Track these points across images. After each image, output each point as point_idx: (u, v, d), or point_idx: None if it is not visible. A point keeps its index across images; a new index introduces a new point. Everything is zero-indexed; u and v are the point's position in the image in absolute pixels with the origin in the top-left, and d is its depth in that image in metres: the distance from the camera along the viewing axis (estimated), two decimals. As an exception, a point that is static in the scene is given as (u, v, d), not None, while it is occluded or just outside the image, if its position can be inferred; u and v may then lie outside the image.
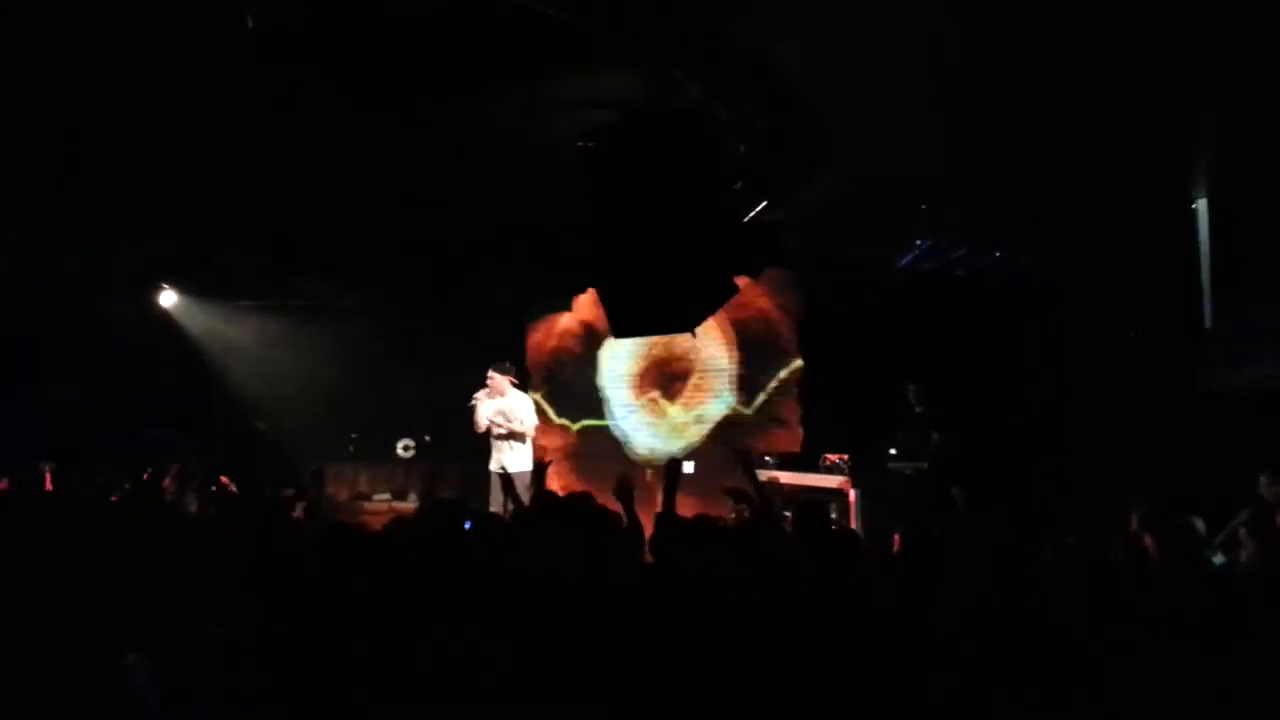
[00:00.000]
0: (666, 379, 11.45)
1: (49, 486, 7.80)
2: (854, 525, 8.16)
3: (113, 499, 6.92)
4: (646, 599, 3.64)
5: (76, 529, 4.89)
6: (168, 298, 11.77)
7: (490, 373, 8.82)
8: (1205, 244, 8.26)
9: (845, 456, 8.51)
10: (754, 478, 4.92)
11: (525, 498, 6.03)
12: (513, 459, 8.75)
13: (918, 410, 9.22)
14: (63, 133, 7.42)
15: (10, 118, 7.06)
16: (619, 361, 11.79)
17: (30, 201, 8.99)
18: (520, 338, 12.69)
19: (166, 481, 7.05)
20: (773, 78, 6.13)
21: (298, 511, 6.68)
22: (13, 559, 4.35)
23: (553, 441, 11.92)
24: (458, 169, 8.30)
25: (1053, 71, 5.98)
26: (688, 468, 4.74)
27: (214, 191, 8.87)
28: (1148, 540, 5.47)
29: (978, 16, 5.34)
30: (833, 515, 7.85)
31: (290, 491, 7.87)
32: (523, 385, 9.77)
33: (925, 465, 8.82)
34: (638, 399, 11.62)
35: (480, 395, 8.84)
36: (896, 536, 5.20)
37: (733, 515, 7.18)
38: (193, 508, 6.88)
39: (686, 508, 4.73)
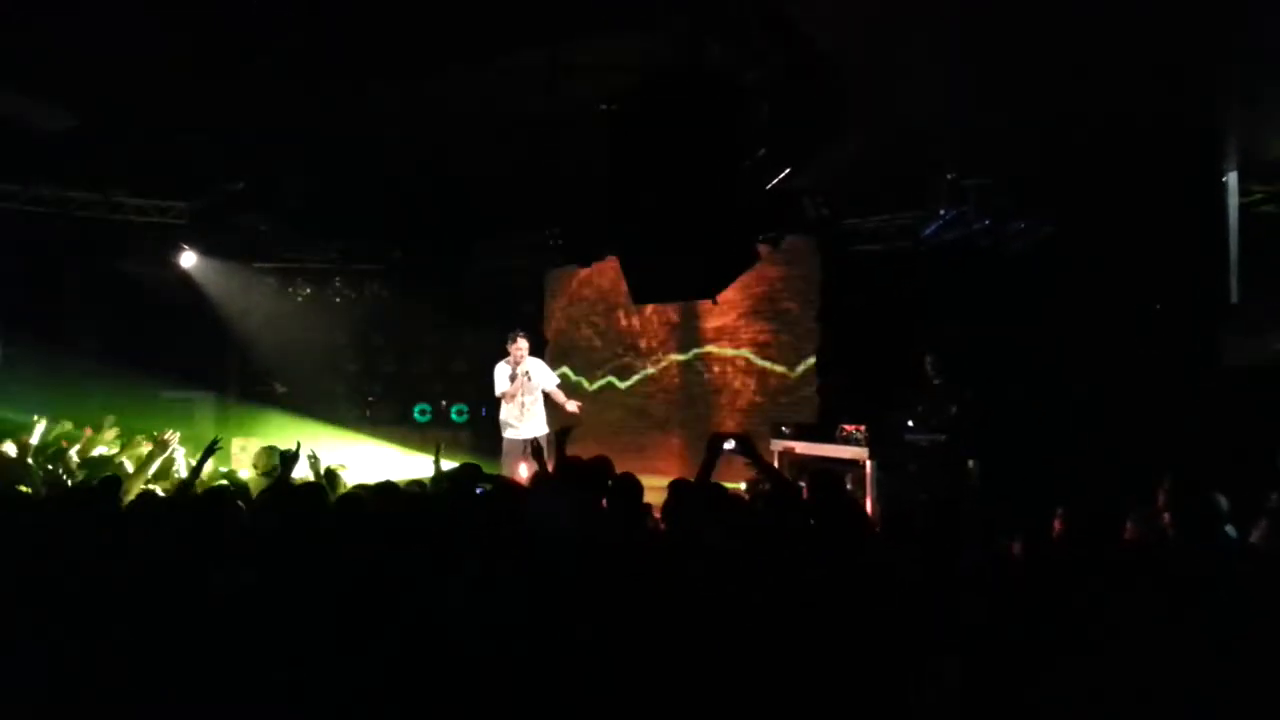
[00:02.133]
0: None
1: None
2: (869, 496, 8.13)
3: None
4: (652, 562, 3.64)
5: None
6: (187, 258, 11.78)
7: (513, 339, 8.83)
8: (1234, 217, 8.13)
9: (862, 427, 8.45)
10: (758, 458, 4.90)
11: (547, 463, 6.04)
12: (532, 425, 8.80)
13: (936, 382, 9.16)
14: (85, 93, 7.43)
15: (32, 78, 7.07)
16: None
17: (52, 161, 9.03)
18: (539, 302, 12.68)
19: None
20: (798, 38, 6.05)
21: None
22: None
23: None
24: (478, 132, 8.26)
25: (1083, 35, 5.88)
26: (728, 445, 4.70)
27: (233, 152, 8.87)
28: (1166, 516, 5.45)
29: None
30: (848, 486, 7.83)
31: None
32: (539, 349, 9.79)
33: (943, 437, 8.76)
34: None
35: (502, 363, 8.87)
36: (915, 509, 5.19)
37: (747, 487, 7.20)
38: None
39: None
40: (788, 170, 7.90)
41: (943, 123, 7.33)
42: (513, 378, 8.76)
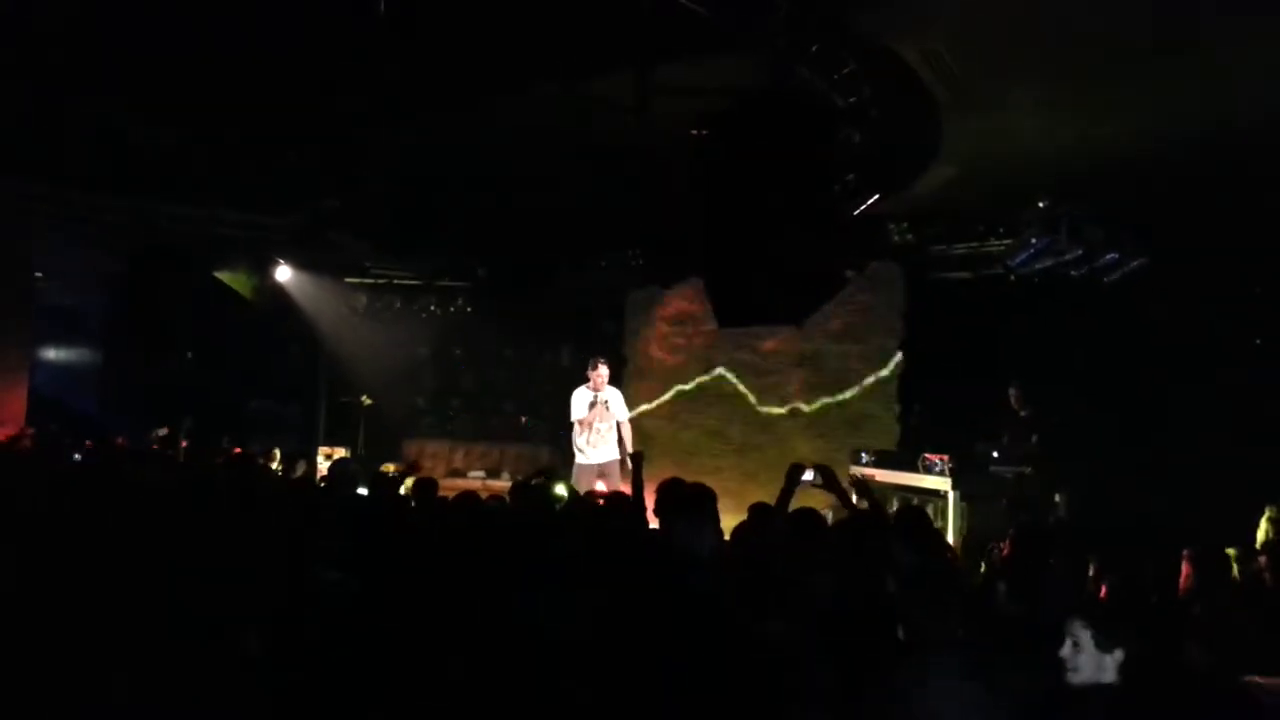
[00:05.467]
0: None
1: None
2: (951, 527, 7.99)
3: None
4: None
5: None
6: (283, 273, 12.15)
7: (594, 366, 8.88)
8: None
9: (945, 456, 8.31)
10: (840, 489, 4.85)
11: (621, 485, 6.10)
12: (603, 451, 8.83)
13: (1022, 413, 8.98)
14: (189, 108, 7.72)
15: (138, 91, 7.38)
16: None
17: (157, 177, 9.41)
18: (619, 321, 12.74)
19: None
20: (891, 66, 6.03)
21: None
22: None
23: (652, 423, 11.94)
24: (565, 154, 8.37)
25: (1181, 65, 5.76)
26: (808, 475, 4.69)
27: (329, 171, 9.14)
28: (1263, 560, 5.26)
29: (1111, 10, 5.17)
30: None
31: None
32: (618, 369, 9.83)
33: (1028, 469, 8.57)
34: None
35: (582, 389, 8.93)
36: (1005, 542, 5.08)
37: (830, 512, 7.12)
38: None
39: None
40: (877, 196, 7.89)
41: (1037, 150, 7.21)
42: (592, 405, 8.79)
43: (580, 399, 8.87)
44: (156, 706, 3.28)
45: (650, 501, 4.54)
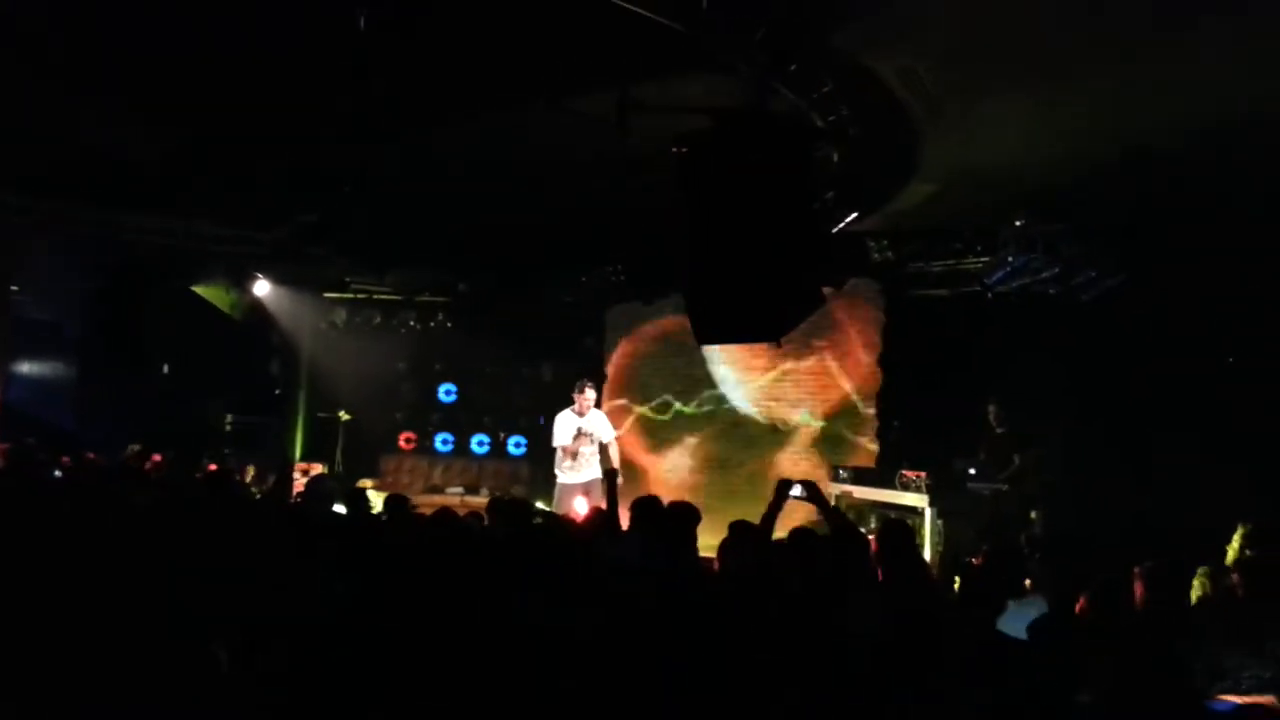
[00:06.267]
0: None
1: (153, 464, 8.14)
2: (928, 544, 8.04)
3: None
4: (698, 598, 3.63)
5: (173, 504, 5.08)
6: (261, 287, 12.10)
7: (585, 390, 8.86)
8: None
9: (923, 474, 8.37)
10: (826, 505, 4.87)
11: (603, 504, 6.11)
12: (586, 472, 8.80)
13: (999, 431, 9.04)
14: (167, 123, 7.70)
15: (115, 106, 7.35)
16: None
17: (135, 190, 9.36)
18: (599, 336, 12.76)
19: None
20: (869, 85, 6.08)
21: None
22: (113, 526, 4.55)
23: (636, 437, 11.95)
24: (546, 170, 8.39)
25: (1161, 84, 5.84)
26: (795, 490, 4.71)
27: (308, 186, 9.11)
28: (1235, 576, 5.30)
29: (1085, 26, 5.25)
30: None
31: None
32: (598, 384, 9.83)
33: (1005, 487, 8.64)
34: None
35: (567, 413, 8.89)
36: (977, 558, 5.11)
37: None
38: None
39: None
40: (855, 214, 7.95)
41: (1013, 169, 7.29)
42: (577, 435, 8.75)
43: (565, 425, 8.81)
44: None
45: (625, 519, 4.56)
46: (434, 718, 3.15)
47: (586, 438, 8.77)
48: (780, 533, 4.48)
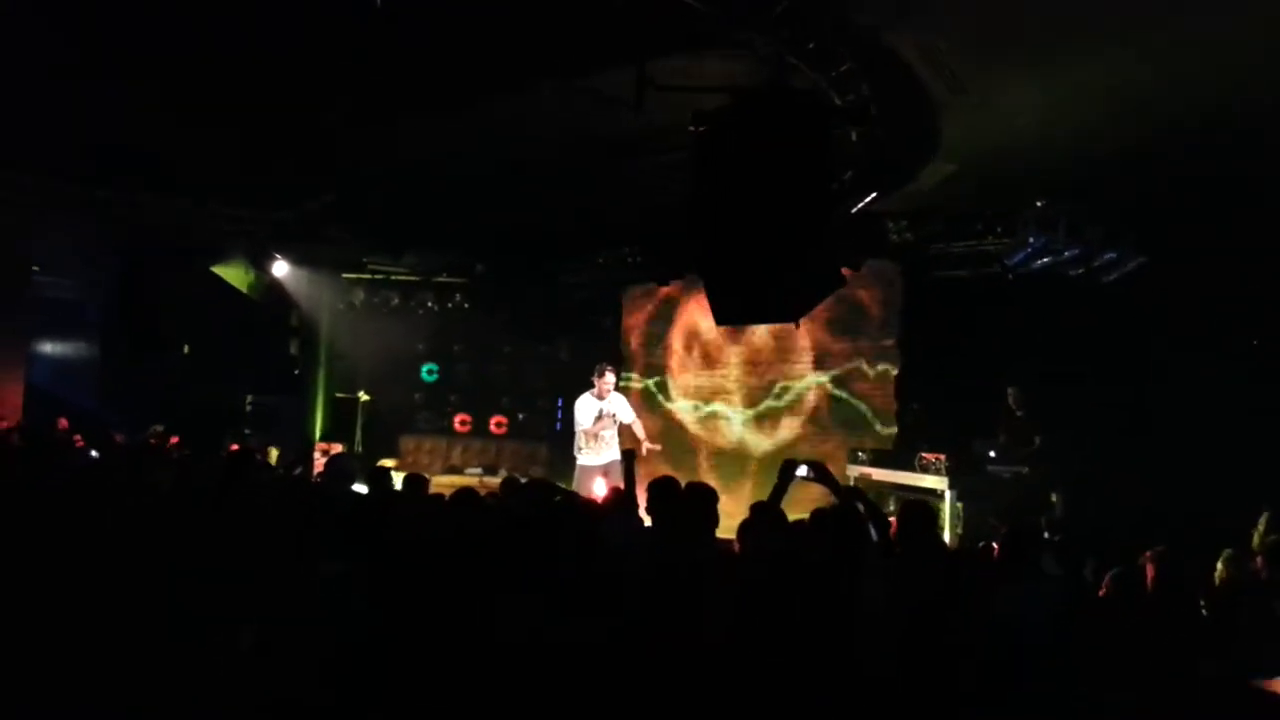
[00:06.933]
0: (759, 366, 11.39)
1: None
2: (948, 527, 8.00)
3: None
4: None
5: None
6: (280, 267, 12.13)
7: (606, 374, 8.88)
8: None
9: (942, 456, 8.32)
10: (836, 485, 4.83)
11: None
12: (606, 454, 8.83)
13: (1019, 414, 8.98)
14: (187, 101, 7.70)
15: (137, 85, 7.36)
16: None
17: (154, 171, 9.38)
18: (616, 317, 12.74)
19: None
20: (889, 62, 6.01)
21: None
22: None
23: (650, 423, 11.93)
24: (560, 148, 8.35)
25: (1186, 62, 5.74)
26: (801, 471, 4.68)
27: (322, 164, 9.11)
28: (1259, 560, 5.26)
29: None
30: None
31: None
32: (615, 365, 9.83)
33: (1026, 469, 8.58)
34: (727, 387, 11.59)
35: (587, 396, 8.93)
36: (996, 543, 5.09)
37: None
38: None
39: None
40: (874, 194, 7.87)
41: (1035, 148, 7.19)
42: (598, 417, 8.80)
43: (586, 408, 8.88)
44: (155, 704, 3.27)
45: (642, 499, 4.54)
46: (434, 709, 3.16)
47: (608, 419, 8.82)
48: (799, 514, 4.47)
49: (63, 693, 3.29)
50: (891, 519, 4.62)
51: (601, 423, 8.80)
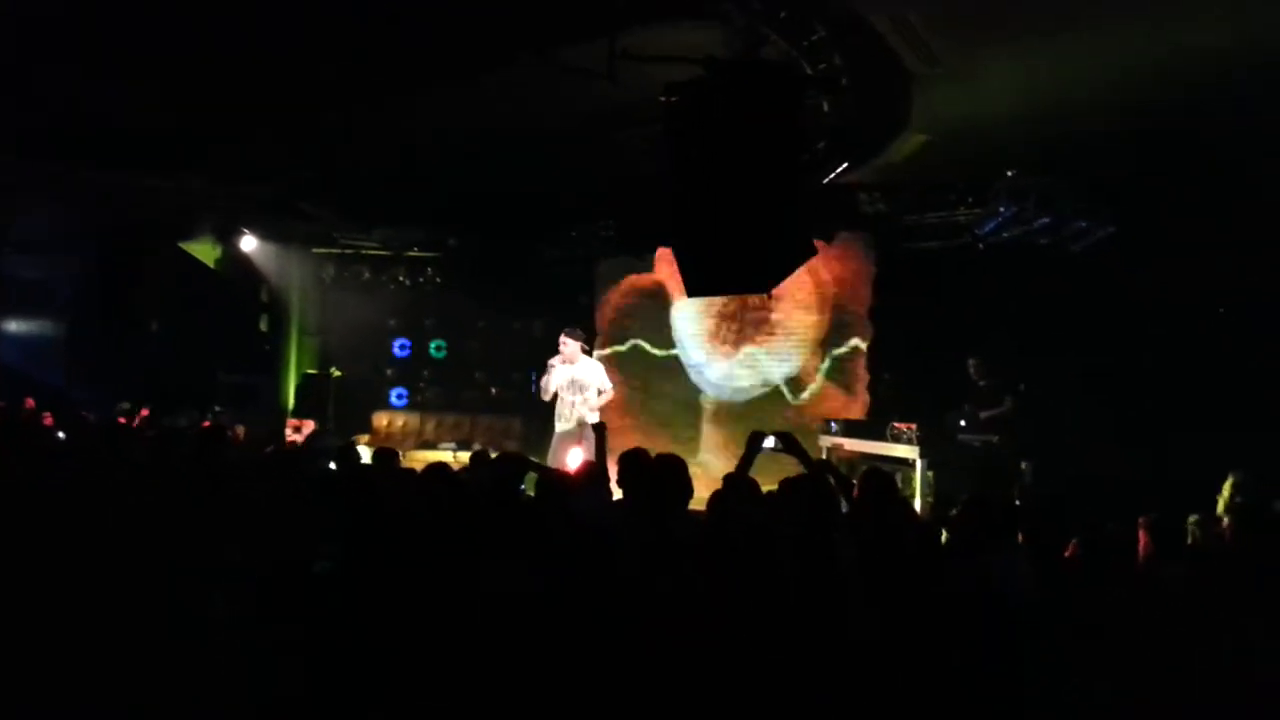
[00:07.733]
0: (735, 334, 11.40)
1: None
2: (918, 495, 8.09)
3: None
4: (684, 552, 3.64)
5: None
6: (248, 242, 12.00)
7: (563, 339, 8.76)
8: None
9: (913, 425, 8.39)
10: (805, 455, 4.85)
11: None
12: (579, 419, 8.77)
13: (981, 384, 9.08)
14: (151, 79, 7.58)
15: (100, 64, 7.25)
16: (688, 321, 11.76)
17: (124, 147, 9.25)
18: (591, 291, 12.71)
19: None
20: (861, 33, 6.01)
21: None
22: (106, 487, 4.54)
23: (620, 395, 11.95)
24: (533, 122, 8.30)
25: (1155, 32, 5.78)
26: (768, 443, 4.72)
27: (294, 139, 9.01)
28: (1225, 521, 5.36)
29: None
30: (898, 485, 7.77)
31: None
32: (591, 345, 9.77)
33: (996, 439, 8.68)
34: (707, 354, 11.62)
35: (554, 362, 8.81)
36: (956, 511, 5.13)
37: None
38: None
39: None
40: (846, 164, 7.89)
41: (1007, 121, 7.22)
42: (560, 381, 8.69)
43: (551, 372, 8.80)
44: (147, 699, 3.24)
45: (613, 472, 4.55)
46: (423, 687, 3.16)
47: (573, 385, 8.69)
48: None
49: (57, 687, 3.24)
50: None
51: (544, 379, 8.67)
